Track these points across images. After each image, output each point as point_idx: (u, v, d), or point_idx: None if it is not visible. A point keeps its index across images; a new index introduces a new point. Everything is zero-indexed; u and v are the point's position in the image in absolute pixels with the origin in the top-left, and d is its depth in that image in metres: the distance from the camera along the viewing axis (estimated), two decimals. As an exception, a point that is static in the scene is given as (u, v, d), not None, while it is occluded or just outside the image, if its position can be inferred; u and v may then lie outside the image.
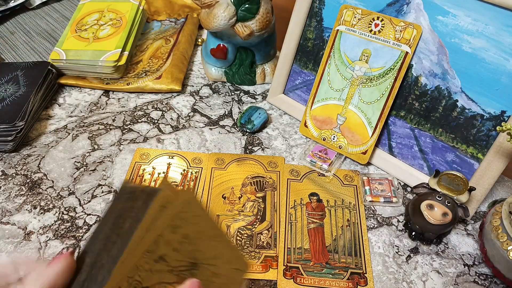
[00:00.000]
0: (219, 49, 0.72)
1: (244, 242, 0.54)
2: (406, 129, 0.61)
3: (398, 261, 0.52)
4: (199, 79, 0.80)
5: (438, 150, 0.58)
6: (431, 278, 0.51)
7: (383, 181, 0.60)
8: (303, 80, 0.70)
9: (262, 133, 0.69)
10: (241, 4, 0.65)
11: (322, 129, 0.65)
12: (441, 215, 0.50)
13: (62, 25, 0.90)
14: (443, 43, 0.54)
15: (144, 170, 0.62)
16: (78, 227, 0.55)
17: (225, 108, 0.74)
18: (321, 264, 0.51)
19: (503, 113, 0.52)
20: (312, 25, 0.67)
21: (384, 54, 0.58)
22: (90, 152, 0.65)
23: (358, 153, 0.63)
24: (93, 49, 0.75)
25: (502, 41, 0.50)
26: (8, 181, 0.61)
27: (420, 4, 0.55)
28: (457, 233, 0.56)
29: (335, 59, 0.63)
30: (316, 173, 0.62)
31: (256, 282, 0.50)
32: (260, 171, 0.62)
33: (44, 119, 0.71)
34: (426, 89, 0.57)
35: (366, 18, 0.59)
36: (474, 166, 0.56)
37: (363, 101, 0.61)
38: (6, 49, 0.84)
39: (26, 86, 0.69)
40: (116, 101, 0.75)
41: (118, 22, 0.80)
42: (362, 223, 0.56)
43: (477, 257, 0.53)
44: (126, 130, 0.69)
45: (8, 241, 0.53)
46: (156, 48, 0.83)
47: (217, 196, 0.59)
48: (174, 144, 0.67)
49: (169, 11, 0.91)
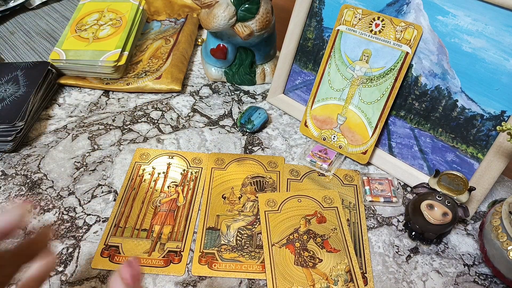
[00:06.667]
0: (219, 49, 0.72)
1: (244, 242, 0.54)
2: (406, 129, 0.61)
3: (398, 261, 0.52)
4: (199, 79, 0.80)
5: (438, 150, 0.58)
6: (431, 278, 0.51)
7: (383, 181, 0.60)
8: (303, 80, 0.70)
9: (262, 133, 0.69)
10: (241, 4, 0.65)
11: (322, 129, 0.65)
12: (441, 215, 0.50)
13: (62, 25, 0.90)
14: (443, 43, 0.54)
15: (144, 170, 0.62)
16: (78, 227, 0.55)
17: (225, 108, 0.74)
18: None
19: (503, 113, 0.52)
20: (312, 25, 0.67)
21: (385, 54, 0.58)
22: (90, 152, 0.65)
23: (358, 153, 0.63)
24: (93, 49, 0.75)
25: (502, 41, 0.50)
26: (8, 181, 0.61)
27: (420, 4, 0.55)
28: (457, 233, 0.56)
29: (335, 59, 0.63)
30: (316, 173, 0.62)
31: (256, 282, 0.50)
32: (260, 171, 0.62)
33: (44, 119, 0.71)
34: (426, 89, 0.57)
35: (367, 18, 0.59)
36: (474, 166, 0.56)
37: (364, 101, 0.61)
38: (6, 49, 0.84)
39: (26, 86, 0.69)
40: (116, 101, 0.75)
41: (118, 22, 0.80)
42: (362, 223, 0.56)
43: (477, 257, 0.53)
44: (126, 130, 0.69)
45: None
46: (156, 48, 0.83)
47: (217, 196, 0.59)
48: (174, 144, 0.67)
49: (169, 11, 0.91)
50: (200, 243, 0.53)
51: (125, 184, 0.60)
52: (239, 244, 0.53)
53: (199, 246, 0.53)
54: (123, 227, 0.55)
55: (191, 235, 0.54)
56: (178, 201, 0.58)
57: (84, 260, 0.51)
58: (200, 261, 0.51)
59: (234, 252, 0.53)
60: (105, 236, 0.54)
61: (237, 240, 0.54)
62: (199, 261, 0.51)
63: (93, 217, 0.56)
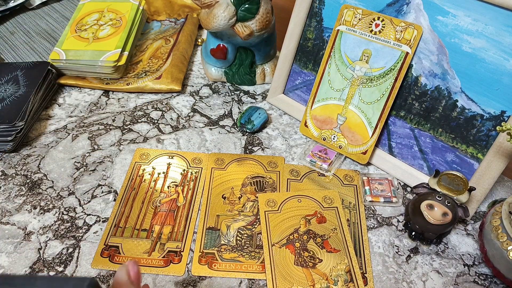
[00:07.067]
0: (219, 49, 0.72)
1: (244, 242, 0.54)
2: (406, 129, 0.61)
3: (398, 261, 0.52)
4: (199, 79, 0.80)
5: (438, 150, 0.58)
6: (431, 278, 0.51)
7: (383, 181, 0.60)
8: (303, 80, 0.70)
9: (262, 133, 0.69)
10: (241, 4, 0.65)
11: (322, 129, 0.65)
12: (441, 215, 0.50)
13: (62, 25, 0.90)
14: (443, 43, 0.54)
15: (144, 170, 0.62)
16: (78, 227, 0.55)
17: (225, 108, 0.74)
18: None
19: (503, 113, 0.52)
20: (312, 25, 0.67)
21: (385, 55, 0.58)
22: (90, 152, 0.65)
23: (358, 153, 0.63)
24: (93, 49, 0.75)
25: (502, 41, 0.50)
26: (8, 181, 0.61)
27: (420, 4, 0.55)
28: (457, 233, 0.56)
29: (335, 59, 0.63)
30: (316, 173, 0.62)
31: (256, 282, 0.50)
32: (260, 171, 0.62)
33: (44, 119, 0.71)
34: (426, 89, 0.57)
35: (367, 18, 0.59)
36: (474, 166, 0.56)
37: (363, 101, 0.61)
38: (6, 49, 0.84)
39: (26, 86, 0.69)
40: (116, 101, 0.75)
41: (118, 22, 0.80)
42: (362, 223, 0.56)
43: (477, 257, 0.53)
44: (126, 130, 0.69)
45: (8, 241, 0.53)
46: (156, 48, 0.83)
47: (217, 196, 0.59)
48: (174, 144, 0.67)
49: (169, 11, 0.91)
50: (200, 243, 0.53)
51: (125, 184, 0.60)
52: (239, 244, 0.53)
53: (199, 246, 0.53)
54: (123, 227, 0.55)
55: (191, 235, 0.54)
56: (178, 201, 0.58)
57: (84, 260, 0.51)
58: (200, 261, 0.52)
59: (234, 252, 0.53)
60: (105, 236, 0.54)
61: (237, 240, 0.54)
62: (199, 261, 0.52)
63: (93, 217, 0.56)
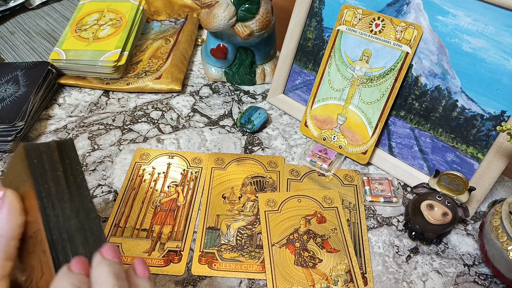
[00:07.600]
0: (219, 49, 0.72)
1: (244, 242, 0.54)
2: (406, 129, 0.61)
3: (398, 261, 0.52)
4: (199, 79, 0.80)
5: (438, 150, 0.58)
6: (431, 278, 0.51)
7: (383, 181, 0.60)
8: (303, 80, 0.70)
9: (262, 133, 0.69)
10: (241, 4, 0.65)
11: (323, 129, 0.65)
12: (441, 215, 0.50)
13: (62, 25, 0.90)
14: (443, 43, 0.54)
15: (144, 170, 0.62)
16: (78, 227, 0.55)
17: (225, 108, 0.74)
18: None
19: (503, 113, 0.52)
20: (312, 25, 0.67)
21: (385, 55, 0.58)
22: (90, 152, 0.65)
23: (358, 153, 0.63)
24: (93, 49, 0.75)
25: (502, 41, 0.50)
26: (8, 181, 0.61)
27: (420, 4, 0.55)
28: (457, 233, 0.56)
29: (335, 59, 0.63)
30: (316, 173, 0.62)
31: (256, 282, 0.50)
32: (260, 171, 0.62)
33: (44, 119, 0.71)
34: (426, 89, 0.57)
35: (367, 18, 0.59)
36: (474, 166, 0.56)
37: (364, 101, 0.61)
38: (6, 49, 0.84)
39: (26, 86, 0.69)
40: (116, 101, 0.75)
41: (118, 22, 0.80)
42: (362, 223, 0.56)
43: (477, 257, 0.53)
44: (126, 130, 0.69)
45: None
46: (156, 48, 0.83)
47: (217, 196, 0.59)
48: (174, 144, 0.67)
49: (169, 11, 0.92)
50: (200, 242, 0.53)
51: (125, 184, 0.60)
52: (239, 244, 0.53)
53: (199, 245, 0.53)
54: (123, 227, 0.55)
55: (191, 235, 0.54)
56: (178, 201, 0.58)
57: (84, 260, 0.51)
58: (200, 260, 0.52)
59: (234, 252, 0.53)
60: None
61: (237, 240, 0.54)
62: (199, 260, 0.52)
63: (93, 217, 0.56)
